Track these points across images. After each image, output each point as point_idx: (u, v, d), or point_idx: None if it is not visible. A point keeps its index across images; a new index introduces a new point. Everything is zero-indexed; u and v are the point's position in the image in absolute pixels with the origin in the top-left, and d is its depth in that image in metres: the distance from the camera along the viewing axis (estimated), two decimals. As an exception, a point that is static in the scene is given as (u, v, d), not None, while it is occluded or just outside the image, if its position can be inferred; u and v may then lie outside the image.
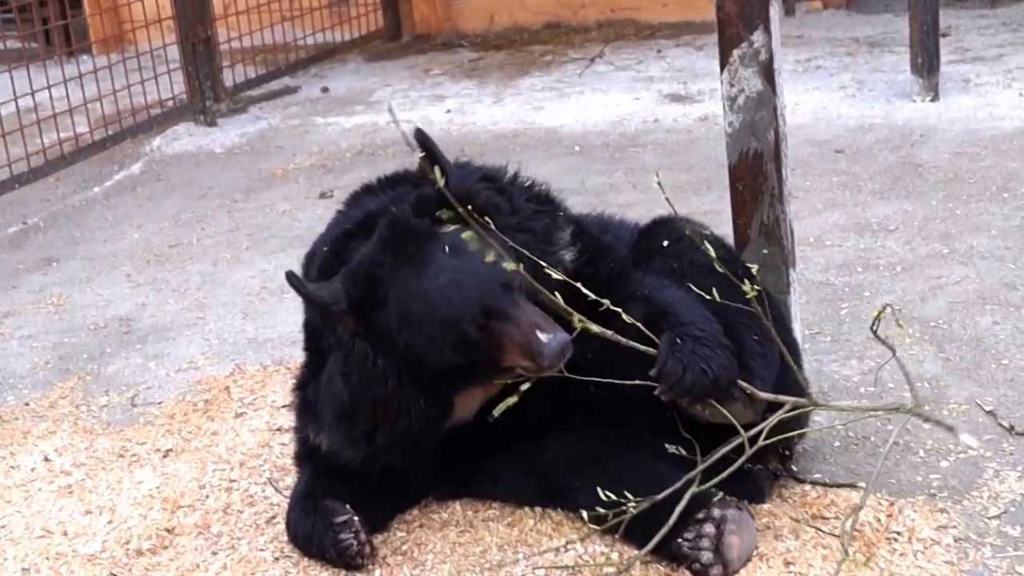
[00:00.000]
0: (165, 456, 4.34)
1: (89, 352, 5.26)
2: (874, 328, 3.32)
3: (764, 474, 3.67)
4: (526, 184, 3.69)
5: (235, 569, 3.65)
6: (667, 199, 3.48)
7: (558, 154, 7.14)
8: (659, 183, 3.44)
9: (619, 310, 3.32)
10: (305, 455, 3.83)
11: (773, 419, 3.35)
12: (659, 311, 3.45)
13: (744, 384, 3.38)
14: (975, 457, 3.80)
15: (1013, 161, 6.19)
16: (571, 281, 3.36)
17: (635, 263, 3.69)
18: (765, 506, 3.61)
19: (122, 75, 8.26)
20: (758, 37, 3.74)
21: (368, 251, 3.43)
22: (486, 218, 3.37)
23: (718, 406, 3.36)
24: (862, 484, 3.69)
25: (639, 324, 3.33)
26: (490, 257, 3.24)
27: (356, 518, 3.55)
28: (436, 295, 3.34)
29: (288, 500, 3.77)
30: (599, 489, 3.45)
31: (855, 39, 8.74)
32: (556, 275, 3.37)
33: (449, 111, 8.09)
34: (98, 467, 4.31)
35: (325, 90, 9.08)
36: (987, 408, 4.04)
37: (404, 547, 3.65)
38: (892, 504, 3.59)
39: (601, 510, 3.48)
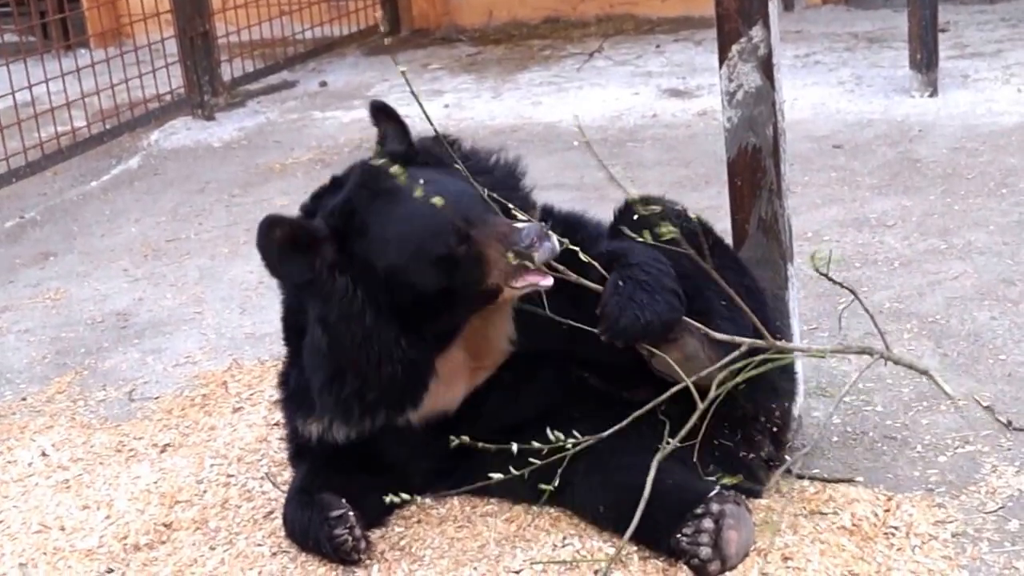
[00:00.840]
0: (163, 451, 4.34)
1: (86, 347, 5.26)
2: (824, 271, 3.31)
3: (758, 463, 3.67)
4: (492, 156, 3.75)
5: (233, 564, 3.65)
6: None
7: (556, 149, 7.13)
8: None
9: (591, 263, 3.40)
10: (298, 452, 3.84)
11: (720, 364, 3.36)
12: (613, 257, 3.48)
13: (696, 324, 3.39)
14: (973, 452, 3.80)
15: (1011, 157, 6.19)
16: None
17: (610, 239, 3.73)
18: (763, 501, 3.61)
19: (120, 69, 8.25)
20: (757, 32, 3.73)
21: (343, 195, 3.53)
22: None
23: (657, 351, 3.40)
24: (860, 479, 3.70)
25: (596, 264, 3.41)
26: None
27: (351, 512, 3.54)
28: (417, 212, 3.40)
29: (286, 495, 3.77)
30: (597, 484, 3.47)
31: (854, 34, 8.73)
32: (522, 215, 3.45)
33: (447, 106, 8.09)
34: (95, 462, 4.31)
35: (323, 84, 9.08)
36: (985, 403, 4.04)
37: (402, 542, 3.65)
38: (890, 499, 3.59)
39: (601, 508, 3.49)
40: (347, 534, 3.51)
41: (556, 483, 3.41)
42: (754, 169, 3.83)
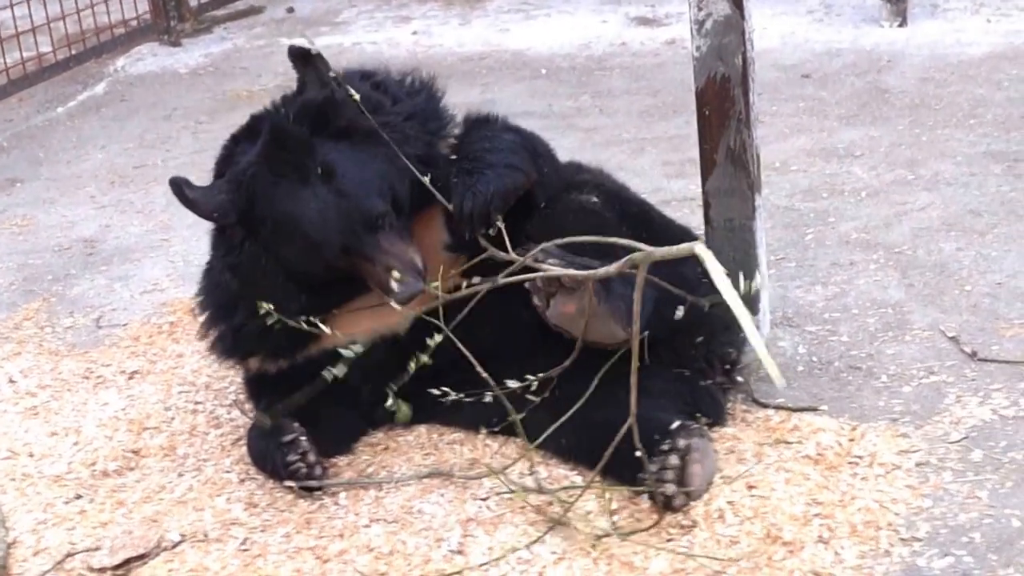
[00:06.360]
0: (130, 378, 4.34)
1: (54, 274, 5.24)
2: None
3: (716, 388, 3.68)
4: (407, 79, 3.88)
5: (201, 491, 3.66)
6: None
7: (524, 77, 7.10)
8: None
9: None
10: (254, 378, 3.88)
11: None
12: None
13: (579, 271, 3.40)
14: (937, 382, 3.83)
15: (980, 87, 6.20)
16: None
17: None
18: (729, 430, 3.64)
19: (85, -7, 8.16)
20: (727, -39, 3.72)
21: (249, 159, 3.64)
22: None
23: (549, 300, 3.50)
24: (825, 408, 3.73)
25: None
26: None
27: (304, 438, 3.54)
28: (304, 223, 3.56)
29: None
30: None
31: (824, -37, 8.70)
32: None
33: (415, 33, 8.02)
34: (63, 389, 4.31)
35: (291, 11, 8.98)
36: (950, 334, 4.07)
37: (369, 470, 3.67)
38: (854, 428, 3.62)
39: (563, 442, 3.49)
40: (299, 460, 3.52)
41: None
42: (723, 99, 3.83)
